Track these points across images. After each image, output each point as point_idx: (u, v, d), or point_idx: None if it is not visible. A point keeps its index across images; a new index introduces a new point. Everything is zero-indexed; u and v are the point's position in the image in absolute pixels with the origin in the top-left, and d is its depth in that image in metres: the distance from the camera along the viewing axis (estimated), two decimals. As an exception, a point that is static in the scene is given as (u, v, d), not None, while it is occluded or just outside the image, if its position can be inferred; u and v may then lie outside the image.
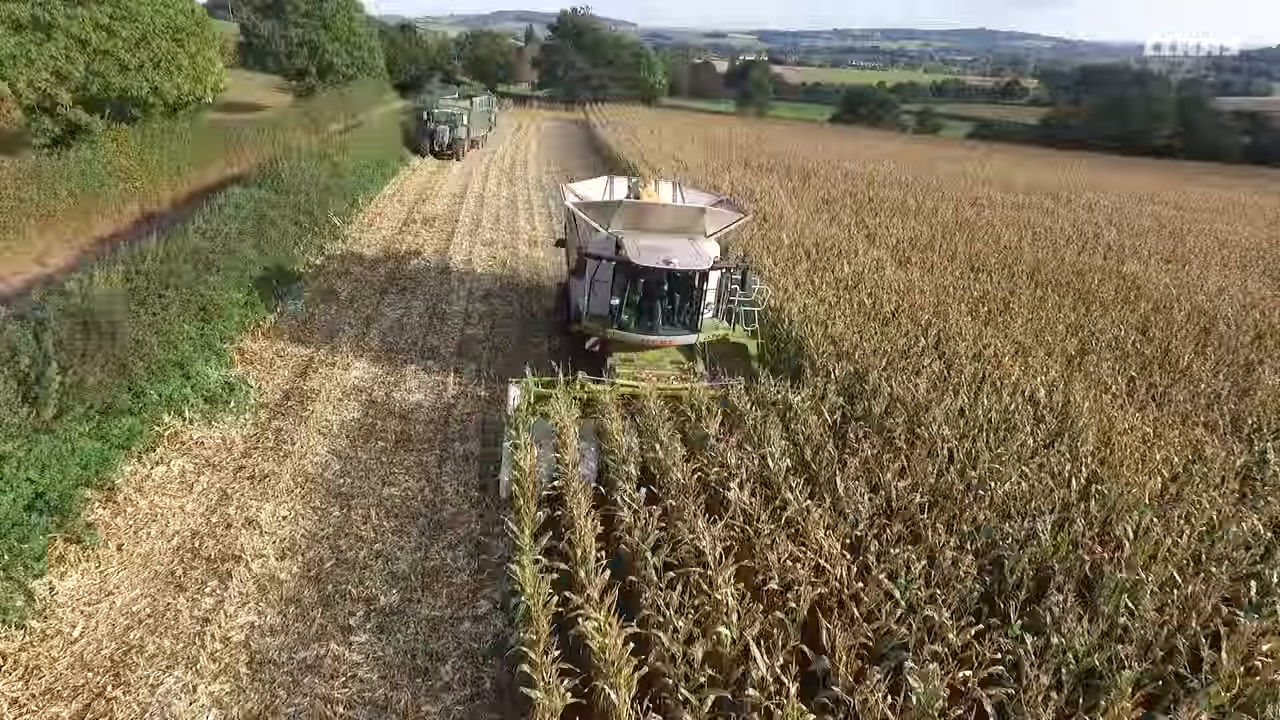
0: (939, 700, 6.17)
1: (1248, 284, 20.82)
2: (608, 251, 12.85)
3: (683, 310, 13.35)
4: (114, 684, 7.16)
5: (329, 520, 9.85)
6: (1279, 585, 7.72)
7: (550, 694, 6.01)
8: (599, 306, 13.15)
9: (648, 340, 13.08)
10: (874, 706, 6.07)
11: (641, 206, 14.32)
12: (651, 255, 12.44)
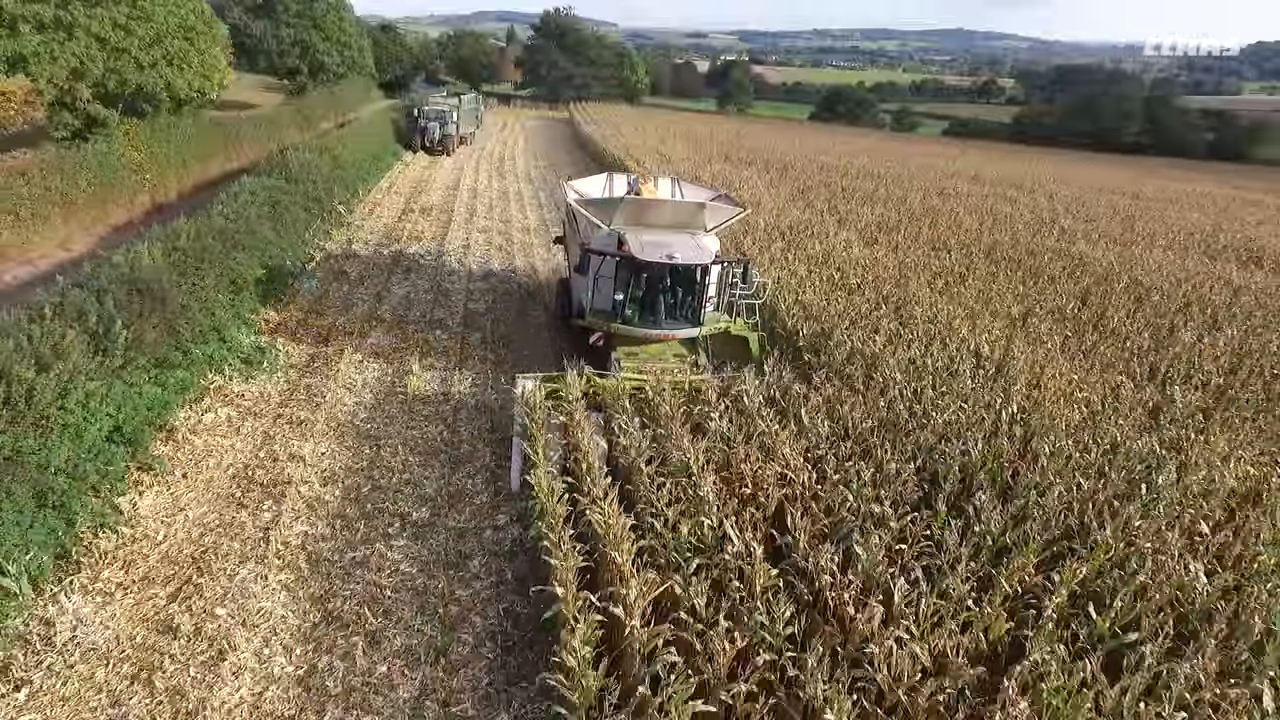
0: (880, 565, 7.73)
1: (1185, 262, 22.67)
2: (610, 247, 13.08)
3: (685, 304, 13.44)
4: (198, 574, 8.58)
5: (362, 456, 11.29)
6: (1163, 486, 9.35)
7: (566, 557, 7.50)
8: (602, 301, 13.25)
9: (651, 334, 13.22)
10: (826, 566, 7.61)
11: (643, 203, 14.48)
12: (654, 250, 12.65)
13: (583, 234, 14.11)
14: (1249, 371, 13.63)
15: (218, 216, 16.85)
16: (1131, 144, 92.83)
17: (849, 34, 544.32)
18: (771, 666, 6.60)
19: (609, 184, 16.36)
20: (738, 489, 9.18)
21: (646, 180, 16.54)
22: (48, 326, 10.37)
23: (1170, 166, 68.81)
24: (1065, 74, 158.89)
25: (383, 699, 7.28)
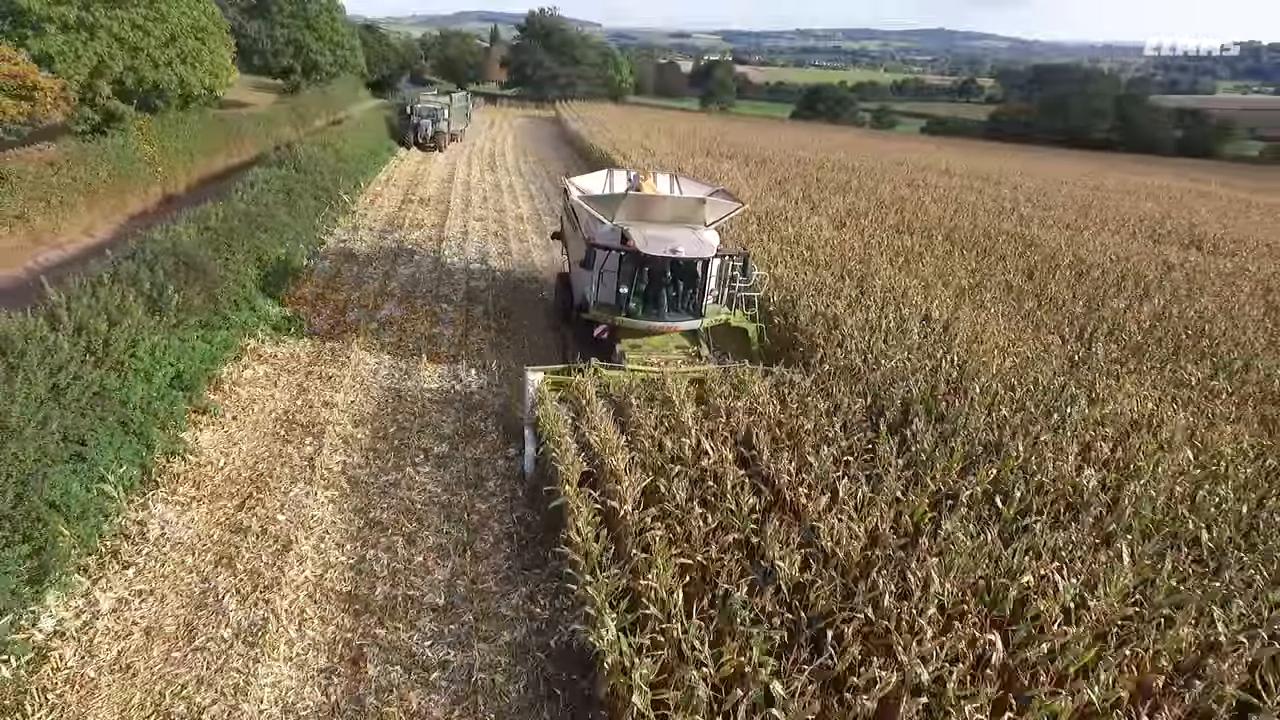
0: (829, 472, 9.41)
1: (1130, 245, 24.60)
2: (614, 242, 13.41)
3: (687, 296, 13.81)
4: (257, 490, 10.15)
5: (386, 403, 12.88)
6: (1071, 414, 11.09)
7: (571, 463, 9.13)
8: (606, 295, 13.53)
9: (655, 326, 13.55)
10: (785, 469, 9.29)
11: (645, 198, 14.76)
12: (659, 245, 12.93)
13: (585, 229, 14.43)
14: (1164, 332, 15.47)
15: (239, 202, 18.34)
16: (1102, 141, 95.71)
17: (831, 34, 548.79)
18: (738, 543, 8.27)
19: (609, 180, 16.80)
20: (714, 417, 10.86)
21: (647, 176, 16.92)
22: (110, 290, 11.88)
23: (1136, 162, 71.32)
24: (1043, 73, 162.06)
25: (421, 580, 8.88)
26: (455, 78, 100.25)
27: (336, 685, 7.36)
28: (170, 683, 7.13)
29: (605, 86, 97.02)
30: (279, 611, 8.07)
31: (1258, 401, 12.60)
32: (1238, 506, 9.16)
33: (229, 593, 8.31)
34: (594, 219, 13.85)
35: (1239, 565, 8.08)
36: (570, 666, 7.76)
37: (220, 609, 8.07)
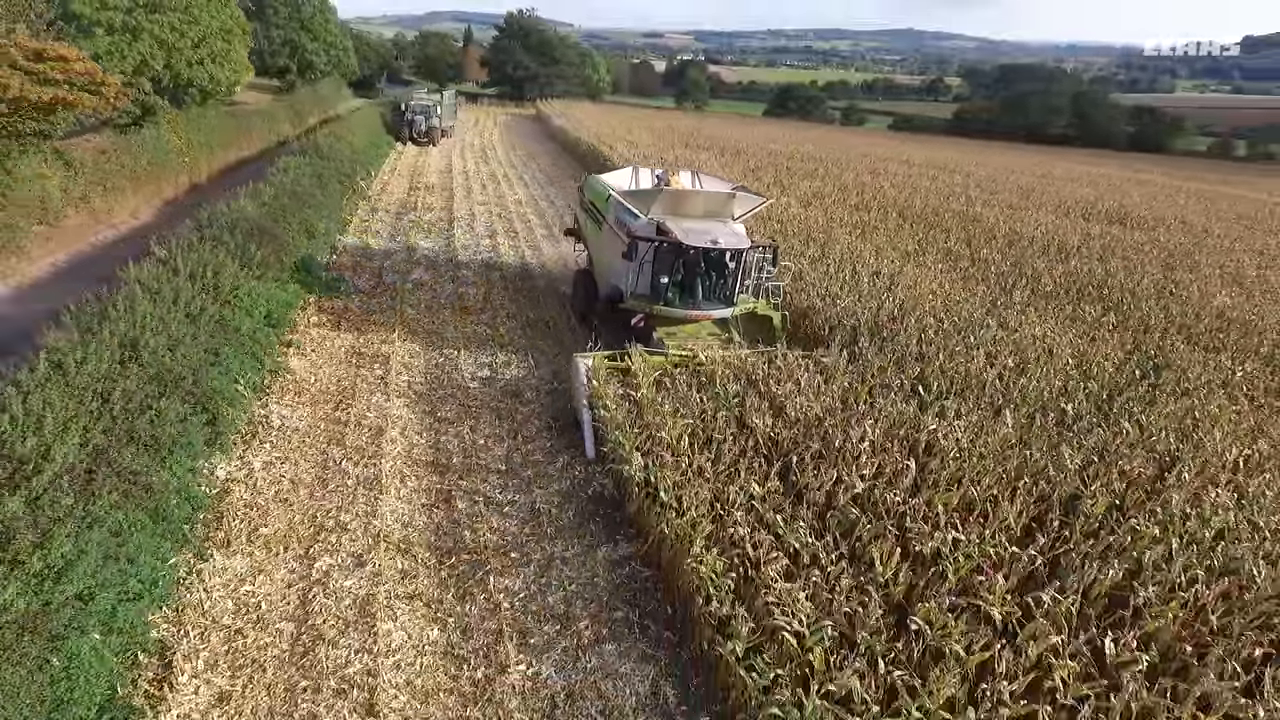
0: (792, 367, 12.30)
1: (1062, 222, 27.94)
2: (649, 235, 14.00)
3: (720, 286, 14.47)
4: (345, 398, 12.85)
5: (432, 343, 15.59)
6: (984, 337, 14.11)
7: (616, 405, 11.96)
8: (642, 285, 14.18)
9: (690, 314, 14.19)
10: (759, 367, 12.18)
11: (679, 193, 15.32)
12: (699, 237, 13.66)
13: (615, 224, 15.06)
14: (1073, 284, 18.64)
15: (282, 183, 20.87)
16: (1059, 136, 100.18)
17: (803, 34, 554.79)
18: (726, 417, 11.12)
19: (635, 177, 17.52)
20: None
21: (674, 173, 17.54)
22: (203, 248, 14.47)
23: (1089, 156, 75.40)
24: (1008, 73, 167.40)
25: (485, 454, 11.65)
26: (434, 77, 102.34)
27: (436, 513, 10.12)
28: (318, 509, 9.85)
29: (583, 85, 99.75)
30: (385, 471, 10.82)
31: (1135, 332, 15.75)
32: (1098, 393, 12.24)
33: (344, 459, 11.04)
34: (629, 213, 14.49)
35: (1090, 428, 11.12)
36: (604, 505, 10.57)
37: (340, 469, 10.80)
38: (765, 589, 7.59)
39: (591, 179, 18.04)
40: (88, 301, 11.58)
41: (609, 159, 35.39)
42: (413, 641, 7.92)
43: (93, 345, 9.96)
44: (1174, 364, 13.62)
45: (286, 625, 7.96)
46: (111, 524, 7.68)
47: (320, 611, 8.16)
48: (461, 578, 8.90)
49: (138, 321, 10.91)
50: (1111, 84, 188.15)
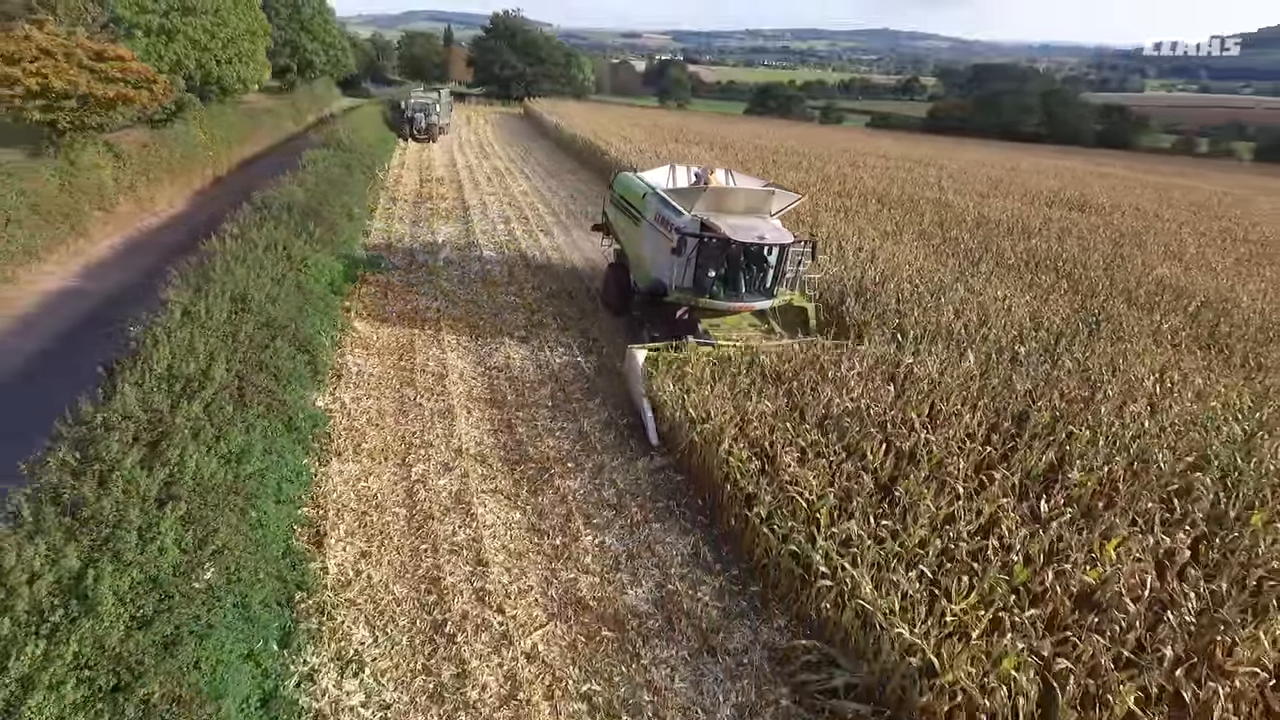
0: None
1: (1027, 208, 30.45)
2: (696, 230, 14.43)
3: (761, 279, 15.04)
4: (407, 350, 14.86)
5: (471, 308, 17.58)
6: (950, 298, 16.38)
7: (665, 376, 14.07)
8: (686, 279, 14.65)
9: (733, 306, 14.81)
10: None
11: (722, 191, 15.71)
12: (746, 232, 14.13)
13: (655, 220, 15.55)
14: (1032, 258, 21.03)
15: (318, 172, 22.77)
16: (1030, 134, 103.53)
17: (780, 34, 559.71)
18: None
19: (672, 175, 18.03)
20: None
21: (711, 171, 17.92)
22: (270, 226, 16.40)
23: (1057, 151, 78.53)
24: (981, 72, 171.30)
25: (533, 394, 13.72)
26: (420, 76, 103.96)
27: (501, 435, 12.19)
28: (404, 431, 11.90)
29: (568, 85, 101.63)
30: (453, 405, 12.88)
31: (1083, 295, 18.13)
32: (1047, 340, 14.56)
33: (417, 396, 13.08)
34: (672, 210, 15.00)
35: (1038, 364, 13.41)
36: (638, 431, 12.66)
37: (415, 404, 12.84)
38: (781, 471, 9.77)
39: (624, 177, 18.55)
40: (190, 266, 13.52)
41: (606, 153, 37.51)
42: (501, 521, 10.00)
43: (212, 298, 11.92)
44: (1113, 318, 15.98)
45: (400, 510, 10.01)
46: (261, 428, 9.67)
47: (424, 501, 10.23)
48: (531, 479, 11.00)
49: (238, 281, 12.87)
50: (1082, 83, 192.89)
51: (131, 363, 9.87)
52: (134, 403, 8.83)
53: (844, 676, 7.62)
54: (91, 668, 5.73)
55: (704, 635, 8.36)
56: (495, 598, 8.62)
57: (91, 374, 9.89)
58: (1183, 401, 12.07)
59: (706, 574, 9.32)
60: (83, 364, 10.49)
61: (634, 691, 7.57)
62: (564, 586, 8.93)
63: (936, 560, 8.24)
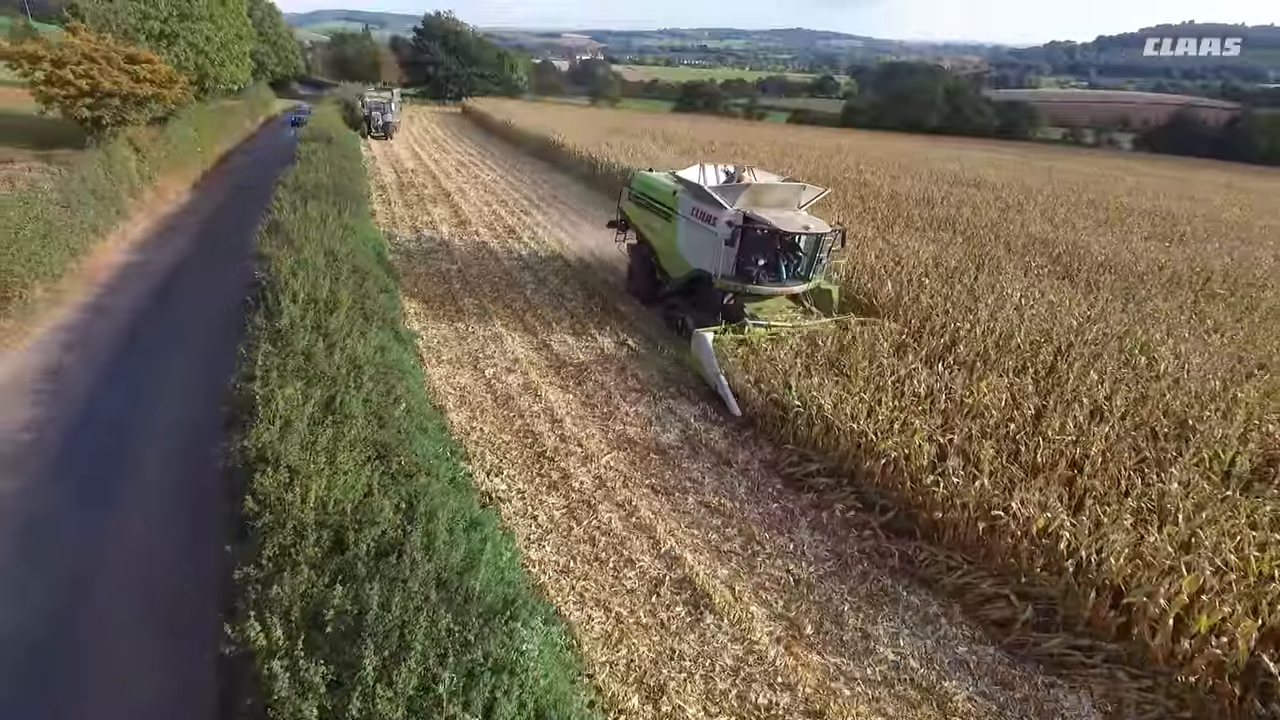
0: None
1: (931, 186, 35.58)
2: (742, 223, 15.52)
3: (797, 265, 16.19)
4: (445, 297, 18.26)
5: (486, 264, 21.03)
6: (869, 242, 20.78)
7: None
8: (728, 268, 15.77)
9: (775, 291, 15.97)
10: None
11: (761, 187, 16.82)
12: (790, 223, 15.29)
13: (692, 215, 16.83)
14: (934, 221, 25.78)
15: (324, 160, 25.71)
16: (937, 128, 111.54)
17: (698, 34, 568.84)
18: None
19: (702, 173, 18.64)
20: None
21: (746, 169, 18.96)
22: (311, 203, 19.52)
23: (961, 142, 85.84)
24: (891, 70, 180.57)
25: (558, 324, 17.35)
26: (349, 78, 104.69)
27: (542, 350, 15.84)
28: (466, 349, 15.43)
29: (502, 85, 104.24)
30: (500, 331, 16.44)
31: (974, 245, 22.86)
32: (945, 274, 19.04)
33: (469, 326, 16.61)
34: (715, 205, 16.03)
35: (938, 289, 17.83)
36: (650, 342, 16.47)
37: (470, 330, 16.38)
38: (761, 354, 13.81)
39: (645, 176, 20.00)
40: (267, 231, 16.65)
41: (562, 147, 41.14)
42: (560, 400, 13.72)
43: (308, 252, 15.18)
44: (995, 259, 20.66)
45: (486, 395, 13.63)
46: (383, 337, 13.10)
47: (501, 390, 13.86)
48: (576, 376, 14.74)
49: (321, 240, 16.13)
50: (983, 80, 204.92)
51: (274, 293, 13.17)
52: (297, 315, 12.22)
53: (815, 464, 11.69)
54: (363, 444, 9.22)
55: (719, 455, 12.30)
56: (572, 439, 12.36)
57: (189, 330, 13.21)
58: (1038, 308, 16.65)
59: (714, 425, 13.27)
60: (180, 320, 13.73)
61: (680, 482, 11.44)
62: (616, 433, 12.73)
63: (874, 395, 12.39)
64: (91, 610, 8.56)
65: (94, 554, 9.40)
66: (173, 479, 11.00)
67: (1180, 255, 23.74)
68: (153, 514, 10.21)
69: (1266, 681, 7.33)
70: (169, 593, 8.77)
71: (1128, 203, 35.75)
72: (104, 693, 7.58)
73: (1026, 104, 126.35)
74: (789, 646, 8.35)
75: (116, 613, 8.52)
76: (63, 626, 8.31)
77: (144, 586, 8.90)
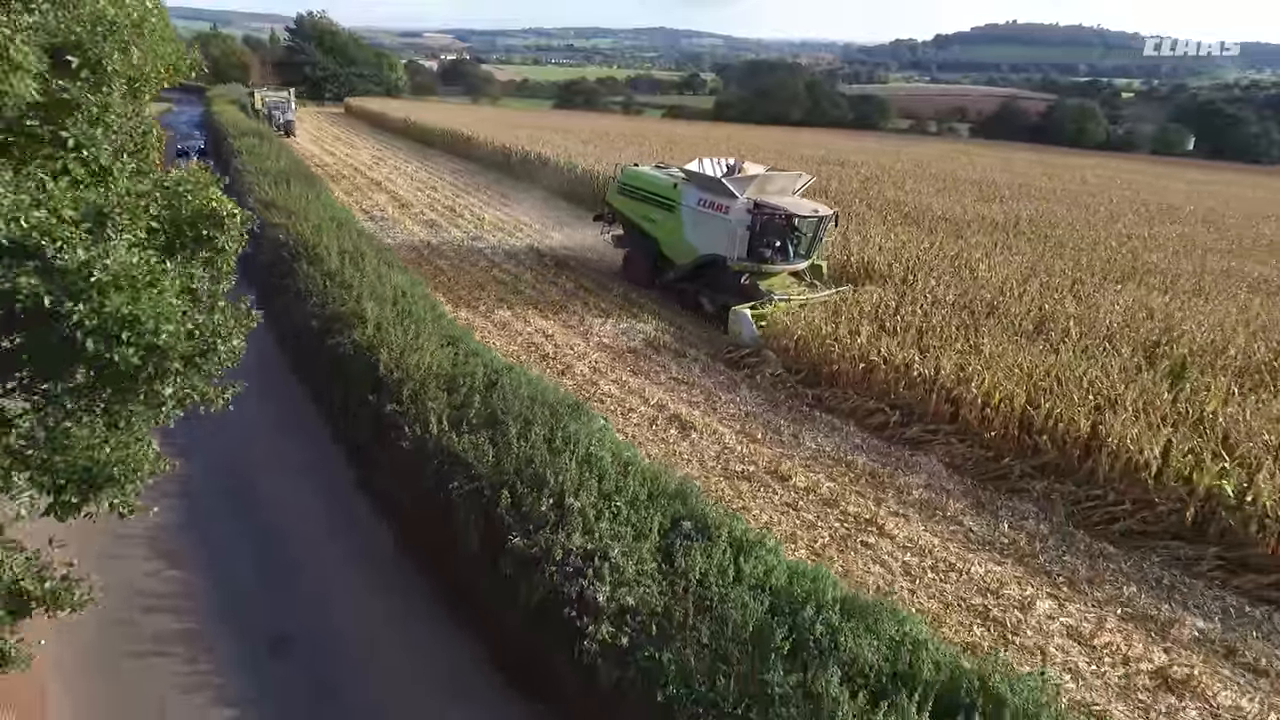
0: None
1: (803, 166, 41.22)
2: (753, 210, 17.13)
3: (800, 245, 17.69)
4: (423, 256, 21.55)
5: (439, 229, 24.31)
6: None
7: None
8: (742, 250, 17.37)
9: (785, 268, 17.73)
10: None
11: (766, 177, 18.42)
12: (801, 208, 16.96)
13: (699, 205, 18.43)
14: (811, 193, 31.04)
15: (268, 152, 28.03)
16: (800, 120, 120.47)
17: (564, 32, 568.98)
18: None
19: (701, 166, 19.84)
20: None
21: (743, 160, 20.73)
22: (283, 186, 22.26)
23: (822, 133, 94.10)
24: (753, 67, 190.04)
25: (520, 268, 21.02)
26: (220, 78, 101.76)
27: (551, 319, 19.51)
28: (473, 307, 18.90)
29: (380, 85, 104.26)
30: (484, 272, 19.96)
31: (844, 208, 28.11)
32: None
33: (457, 276, 20.01)
34: (726, 195, 17.61)
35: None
36: (636, 305, 20.43)
37: (472, 297, 19.79)
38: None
39: (635, 170, 21.50)
40: (263, 203, 19.47)
41: (472, 140, 44.27)
42: (546, 324, 17.53)
43: (311, 219, 18.22)
44: (860, 215, 25.94)
45: (486, 323, 17.21)
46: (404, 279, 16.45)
47: (498, 319, 17.50)
48: (552, 307, 18.57)
49: (321, 210, 19.16)
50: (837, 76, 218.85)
51: (306, 249, 16.29)
52: (337, 261, 15.51)
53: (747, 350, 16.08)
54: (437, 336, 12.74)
55: (675, 352, 16.52)
56: (565, 345, 16.26)
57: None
58: (895, 245, 21.84)
59: (666, 334, 17.48)
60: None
61: (651, 368, 15.58)
62: (595, 342, 16.76)
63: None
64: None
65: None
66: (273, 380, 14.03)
67: (999, 210, 30.09)
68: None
69: (1029, 424, 12.25)
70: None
71: (962, 175, 42.83)
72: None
73: (877, 97, 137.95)
74: (749, 444, 12.66)
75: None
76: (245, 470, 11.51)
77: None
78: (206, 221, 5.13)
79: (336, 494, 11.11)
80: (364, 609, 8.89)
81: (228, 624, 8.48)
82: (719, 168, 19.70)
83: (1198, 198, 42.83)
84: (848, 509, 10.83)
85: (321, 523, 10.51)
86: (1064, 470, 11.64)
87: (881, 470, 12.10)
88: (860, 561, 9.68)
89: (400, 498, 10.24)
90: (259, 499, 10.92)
